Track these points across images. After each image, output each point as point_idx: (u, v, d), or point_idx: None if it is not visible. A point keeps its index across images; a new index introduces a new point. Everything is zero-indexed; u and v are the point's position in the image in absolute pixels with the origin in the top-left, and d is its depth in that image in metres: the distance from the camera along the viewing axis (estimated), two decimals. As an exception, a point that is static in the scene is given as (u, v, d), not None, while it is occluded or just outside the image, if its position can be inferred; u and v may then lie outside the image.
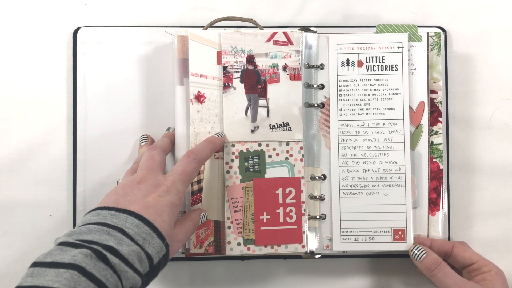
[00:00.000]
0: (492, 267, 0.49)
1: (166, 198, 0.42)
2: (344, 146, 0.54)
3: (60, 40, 0.57)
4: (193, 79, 0.52)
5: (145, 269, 0.39)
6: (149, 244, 0.39)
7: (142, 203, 0.41)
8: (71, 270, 0.34)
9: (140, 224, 0.39)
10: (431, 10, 0.59)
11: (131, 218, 0.39)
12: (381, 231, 0.53)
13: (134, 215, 0.40)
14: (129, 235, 0.38)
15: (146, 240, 0.39)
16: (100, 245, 0.36)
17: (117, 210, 0.40)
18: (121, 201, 0.41)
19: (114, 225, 0.38)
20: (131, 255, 0.37)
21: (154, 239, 0.40)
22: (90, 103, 0.55)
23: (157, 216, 0.41)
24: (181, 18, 0.58)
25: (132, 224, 0.39)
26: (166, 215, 0.41)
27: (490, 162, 0.58)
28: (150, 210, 0.41)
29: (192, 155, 0.46)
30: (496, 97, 0.58)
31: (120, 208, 0.40)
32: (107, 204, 0.41)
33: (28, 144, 0.56)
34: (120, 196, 0.42)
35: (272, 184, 0.53)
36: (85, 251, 0.35)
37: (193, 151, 0.47)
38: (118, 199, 0.41)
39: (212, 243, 0.52)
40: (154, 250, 0.39)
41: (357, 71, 0.54)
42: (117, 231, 0.38)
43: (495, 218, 0.57)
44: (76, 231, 0.38)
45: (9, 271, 0.56)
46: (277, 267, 0.57)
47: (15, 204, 0.56)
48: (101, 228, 0.38)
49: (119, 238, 0.38)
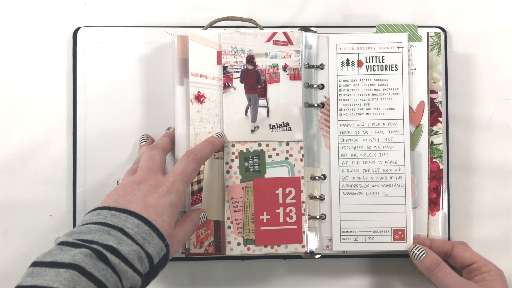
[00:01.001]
0: (492, 267, 0.50)
1: (167, 199, 0.42)
2: (344, 146, 0.54)
3: (60, 40, 0.57)
4: (193, 79, 0.52)
5: (145, 269, 0.39)
6: (149, 244, 0.39)
7: (142, 203, 0.41)
8: (71, 270, 0.34)
9: (141, 224, 0.39)
10: (431, 10, 0.59)
11: (132, 218, 0.39)
12: (381, 231, 0.53)
13: (134, 215, 0.40)
14: (129, 235, 0.38)
15: (146, 240, 0.39)
16: (100, 244, 0.36)
17: (117, 210, 0.40)
18: (121, 201, 0.41)
19: (114, 224, 0.38)
20: (131, 255, 0.37)
21: (154, 239, 0.39)
22: (90, 103, 0.55)
23: (157, 216, 0.41)
24: (181, 18, 0.58)
25: (132, 224, 0.39)
26: (167, 215, 0.41)
27: (490, 162, 0.58)
28: (151, 210, 0.41)
29: (191, 155, 0.46)
30: (496, 97, 0.58)
31: (121, 208, 0.40)
32: (108, 204, 0.41)
33: (28, 144, 0.56)
34: (121, 196, 0.42)
35: (272, 184, 0.53)
36: (85, 250, 0.35)
37: (193, 151, 0.47)
38: (119, 199, 0.41)
39: (212, 243, 0.52)
40: (155, 250, 0.39)
41: (357, 71, 0.54)
42: (117, 231, 0.38)
43: (495, 218, 0.57)
44: (76, 230, 0.38)
45: (9, 271, 0.56)
46: (277, 267, 0.57)
47: (15, 204, 0.56)
48: (101, 228, 0.38)
49: (119, 237, 0.38)
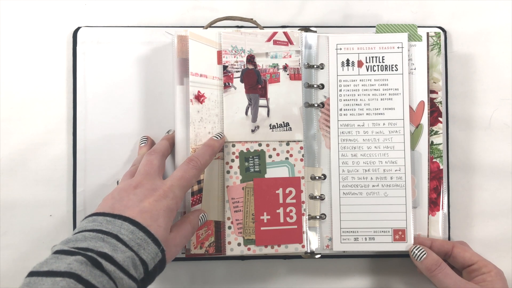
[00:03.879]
0: (492, 268, 0.50)
1: (163, 203, 0.42)
2: (344, 146, 0.54)
3: (60, 40, 0.57)
4: (193, 78, 0.52)
5: (140, 275, 0.39)
6: (144, 250, 0.39)
7: (137, 208, 0.41)
8: (67, 278, 0.34)
9: (135, 230, 0.39)
10: (431, 10, 0.59)
11: (126, 224, 0.39)
12: (381, 231, 0.53)
13: (129, 220, 0.40)
14: (124, 242, 0.38)
15: (141, 246, 0.39)
16: (95, 252, 0.37)
17: (112, 216, 0.40)
18: (117, 206, 0.41)
19: (109, 231, 0.39)
20: (126, 262, 0.37)
21: (149, 244, 0.39)
22: (90, 103, 0.55)
23: (152, 221, 0.41)
24: (181, 18, 0.58)
25: (127, 230, 0.39)
26: (162, 220, 0.41)
27: (490, 162, 0.58)
28: (146, 215, 0.41)
29: (192, 162, 0.46)
30: (496, 97, 0.58)
31: (116, 213, 0.40)
32: (103, 210, 0.41)
33: (28, 144, 0.56)
34: (117, 201, 0.42)
35: (272, 184, 0.53)
36: (80, 258, 0.35)
37: (193, 157, 0.47)
38: (114, 204, 0.41)
39: (212, 244, 0.52)
40: (149, 256, 0.39)
41: (357, 71, 0.54)
42: (112, 238, 0.38)
43: (495, 218, 0.57)
44: (72, 238, 0.38)
45: (9, 271, 0.55)
46: (277, 267, 0.57)
47: (15, 204, 0.56)
48: (96, 235, 0.38)
49: (114, 244, 0.38)
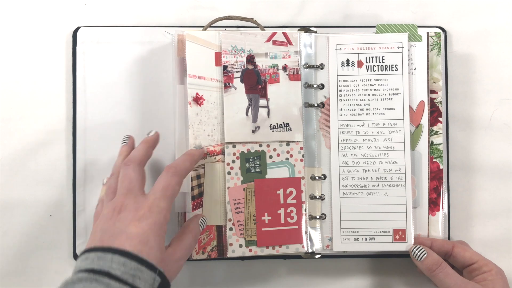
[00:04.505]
0: (493, 267, 0.50)
1: (149, 221, 0.41)
2: (344, 146, 0.54)
3: (60, 40, 0.57)
4: (191, 80, 0.51)
5: None
6: (139, 279, 0.38)
7: (125, 235, 0.40)
8: None
9: (127, 261, 0.38)
10: (431, 10, 0.59)
11: (117, 256, 0.38)
12: (381, 231, 0.53)
13: (119, 252, 0.38)
14: (117, 277, 0.37)
15: (136, 276, 0.38)
16: None
17: (102, 251, 0.39)
18: (105, 239, 0.40)
19: (101, 269, 0.37)
20: None
21: (144, 272, 0.38)
22: (90, 103, 0.55)
23: (142, 245, 0.40)
24: (181, 17, 0.58)
25: (118, 263, 0.38)
26: (153, 240, 0.40)
27: (490, 162, 0.58)
28: (135, 241, 0.40)
29: (171, 169, 0.45)
30: (496, 97, 0.58)
31: (105, 247, 0.39)
32: (94, 244, 0.40)
33: (28, 144, 0.56)
34: (104, 233, 0.41)
35: (273, 184, 0.53)
36: None
37: (172, 165, 0.46)
38: (102, 237, 0.41)
39: (214, 248, 0.52)
40: (147, 284, 0.38)
41: (357, 71, 0.54)
42: (103, 276, 0.37)
43: (495, 218, 0.58)
44: (69, 281, 0.37)
45: (9, 271, 0.55)
46: (277, 267, 0.57)
47: (15, 204, 0.56)
48: (88, 276, 0.37)
49: (106, 283, 0.37)
